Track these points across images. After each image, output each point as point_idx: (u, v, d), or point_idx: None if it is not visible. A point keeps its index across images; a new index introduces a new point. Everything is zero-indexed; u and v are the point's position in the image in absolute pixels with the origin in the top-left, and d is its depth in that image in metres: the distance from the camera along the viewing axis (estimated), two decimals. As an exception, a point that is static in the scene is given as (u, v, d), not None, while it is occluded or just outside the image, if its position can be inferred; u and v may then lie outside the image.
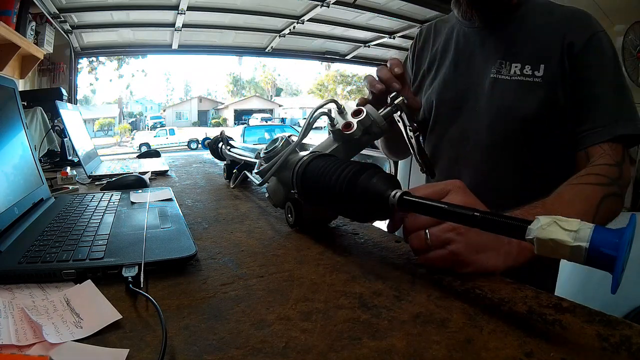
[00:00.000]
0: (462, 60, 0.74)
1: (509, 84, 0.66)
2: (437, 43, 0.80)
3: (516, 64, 0.66)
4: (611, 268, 0.26)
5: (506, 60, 0.67)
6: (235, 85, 31.78)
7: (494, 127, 0.68)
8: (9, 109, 0.66)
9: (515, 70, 0.66)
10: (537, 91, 0.64)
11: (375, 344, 0.30)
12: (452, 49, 0.76)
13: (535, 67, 0.64)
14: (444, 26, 0.81)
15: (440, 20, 0.85)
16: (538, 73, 0.64)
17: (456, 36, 0.76)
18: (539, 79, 0.64)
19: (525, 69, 0.65)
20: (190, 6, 2.70)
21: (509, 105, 0.66)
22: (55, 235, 0.50)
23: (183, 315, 0.35)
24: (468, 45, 0.74)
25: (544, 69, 0.64)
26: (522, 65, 0.66)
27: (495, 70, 0.68)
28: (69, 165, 1.24)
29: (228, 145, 1.04)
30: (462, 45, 0.74)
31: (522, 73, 0.65)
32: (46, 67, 2.57)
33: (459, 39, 0.75)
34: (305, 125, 0.59)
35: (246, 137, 12.11)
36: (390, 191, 0.40)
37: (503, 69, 0.67)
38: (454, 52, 0.75)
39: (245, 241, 0.54)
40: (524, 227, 0.30)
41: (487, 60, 0.70)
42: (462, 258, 0.41)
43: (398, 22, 3.19)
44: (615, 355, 0.28)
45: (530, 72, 0.65)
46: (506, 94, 0.67)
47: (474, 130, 0.70)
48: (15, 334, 0.30)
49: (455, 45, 0.76)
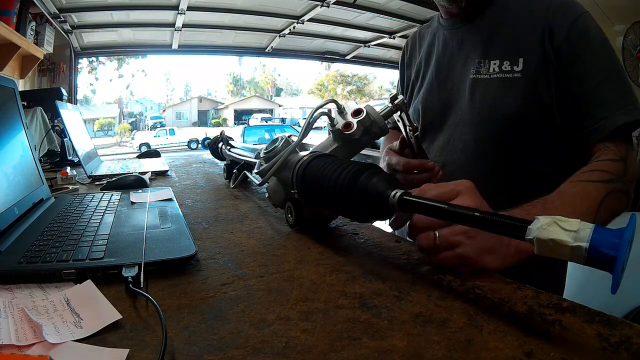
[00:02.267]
0: (442, 65, 0.73)
1: (488, 83, 0.65)
2: (421, 50, 0.80)
3: (494, 61, 0.64)
4: (611, 268, 0.26)
5: (484, 59, 0.66)
6: (235, 85, 31.79)
7: (478, 130, 0.67)
8: (9, 109, 0.66)
9: (494, 68, 0.64)
10: (517, 87, 0.62)
11: (375, 344, 0.30)
12: (434, 55, 0.75)
13: (514, 61, 0.63)
14: (427, 32, 0.81)
15: (424, 27, 0.84)
16: (517, 68, 0.62)
17: (437, 41, 0.75)
18: (518, 74, 0.62)
19: (504, 65, 0.64)
20: (190, 6, 2.70)
21: (489, 105, 0.65)
22: (55, 235, 0.50)
23: (183, 315, 0.35)
24: (447, 48, 0.73)
25: (523, 63, 0.62)
26: (501, 61, 0.64)
27: (475, 70, 0.67)
28: (69, 165, 1.24)
29: (228, 145, 1.04)
30: (442, 49, 0.74)
31: (500, 70, 0.64)
32: (46, 67, 2.57)
33: (439, 44, 0.75)
34: (305, 125, 0.59)
35: (246, 137, 12.10)
36: (390, 191, 0.40)
37: (482, 67, 0.66)
38: (435, 58, 0.75)
39: (245, 241, 0.54)
40: (524, 227, 0.30)
41: (466, 61, 0.68)
42: (469, 261, 0.41)
43: (398, 22, 3.20)
44: (615, 355, 0.28)
45: (509, 68, 0.63)
46: (485, 94, 0.65)
47: (459, 134, 0.69)
48: (15, 334, 0.30)
49: (436, 50, 0.75)
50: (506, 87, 0.63)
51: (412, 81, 0.82)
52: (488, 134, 0.66)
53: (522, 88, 0.62)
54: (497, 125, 0.65)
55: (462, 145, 0.69)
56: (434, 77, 0.74)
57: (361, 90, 26.66)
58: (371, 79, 27.07)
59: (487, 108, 0.65)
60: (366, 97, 25.84)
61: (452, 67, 0.71)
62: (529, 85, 0.62)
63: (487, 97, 0.65)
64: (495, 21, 0.66)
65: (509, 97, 0.63)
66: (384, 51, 3.93)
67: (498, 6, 0.67)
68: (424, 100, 0.76)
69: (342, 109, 0.58)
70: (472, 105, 0.67)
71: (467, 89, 0.68)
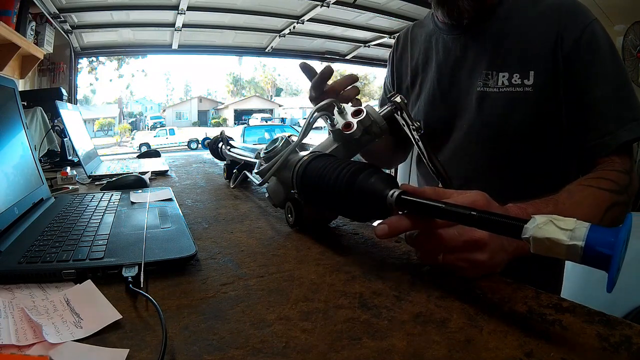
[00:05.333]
0: (445, 74, 0.69)
1: (497, 98, 0.62)
2: (415, 52, 0.76)
3: (503, 74, 0.62)
4: (607, 267, 0.26)
5: (492, 70, 0.63)
6: (235, 85, 31.79)
7: (486, 144, 0.65)
8: (9, 109, 0.66)
9: (503, 81, 0.62)
10: (528, 103, 0.60)
11: (375, 344, 0.30)
12: (433, 60, 0.71)
13: (525, 74, 0.60)
14: (420, 31, 0.77)
15: (415, 24, 0.80)
16: (528, 82, 0.60)
17: (435, 45, 0.71)
18: (529, 88, 0.60)
19: (513, 79, 0.61)
20: (190, 6, 2.70)
21: (498, 121, 0.63)
22: (55, 235, 0.50)
23: (183, 315, 0.35)
24: (449, 55, 0.69)
25: (534, 76, 0.60)
26: (510, 74, 0.61)
27: (482, 82, 0.63)
28: (69, 165, 1.24)
29: (228, 145, 1.04)
30: (443, 56, 0.70)
31: (510, 83, 0.61)
32: (46, 67, 2.57)
33: (439, 49, 0.70)
34: (305, 125, 0.59)
35: (246, 137, 12.09)
36: (388, 191, 0.40)
37: (490, 80, 0.63)
38: (436, 65, 0.71)
39: (245, 241, 0.54)
40: (520, 226, 0.30)
41: (472, 72, 0.65)
42: None
43: (398, 22, 3.20)
44: (615, 355, 0.28)
45: (520, 82, 0.61)
46: (495, 109, 0.63)
47: (466, 148, 0.67)
48: (15, 334, 0.30)
49: (435, 56, 0.71)
50: (517, 102, 0.61)
51: (407, 87, 0.78)
52: (497, 150, 0.64)
53: (533, 103, 0.60)
54: (507, 140, 0.63)
55: (469, 159, 0.67)
56: (436, 87, 0.71)
57: (361, 90, 26.67)
58: (371, 79, 27.11)
59: (496, 123, 0.63)
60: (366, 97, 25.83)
61: (456, 76, 0.68)
62: (539, 99, 0.60)
63: (497, 112, 0.63)
64: (502, 26, 0.63)
65: (520, 113, 0.61)
66: (384, 51, 3.93)
67: (503, 10, 0.64)
68: (426, 112, 0.72)
69: (342, 109, 0.58)
70: (480, 119, 0.65)
71: (473, 102, 0.65)
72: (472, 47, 0.66)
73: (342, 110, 0.58)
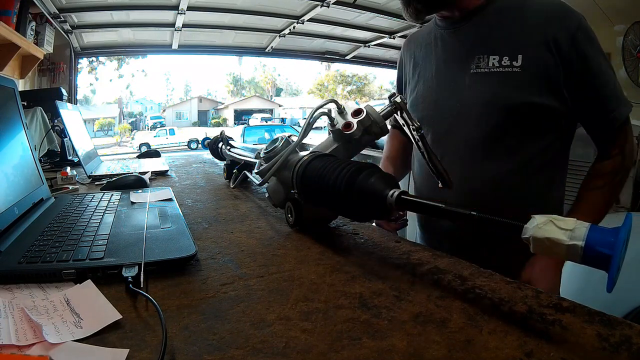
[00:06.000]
0: (442, 62, 0.76)
1: (488, 76, 0.68)
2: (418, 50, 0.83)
3: (494, 57, 0.67)
4: (607, 266, 0.26)
5: (483, 54, 0.69)
6: (235, 85, 31.77)
7: (479, 121, 0.69)
8: (9, 109, 0.66)
9: (493, 63, 0.67)
10: (517, 80, 0.66)
11: (375, 344, 0.30)
12: (432, 53, 0.78)
13: (513, 57, 0.66)
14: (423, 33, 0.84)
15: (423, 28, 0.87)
16: (516, 63, 0.66)
17: (434, 40, 0.78)
18: (518, 68, 0.65)
19: (503, 60, 0.67)
20: (190, 6, 2.70)
21: (490, 96, 0.68)
22: (55, 235, 0.50)
23: (183, 315, 0.35)
24: (447, 46, 0.75)
25: (522, 59, 0.65)
26: (500, 57, 0.67)
27: (475, 65, 0.69)
28: (69, 165, 1.24)
29: (228, 145, 1.04)
30: (441, 47, 0.76)
31: (500, 64, 0.67)
32: (46, 67, 2.57)
33: (437, 43, 0.77)
34: (305, 125, 0.59)
35: (246, 137, 12.09)
36: (388, 190, 0.40)
37: (481, 62, 0.69)
38: (434, 56, 0.77)
39: (245, 241, 0.54)
40: (520, 226, 0.30)
41: (466, 58, 0.71)
42: None
43: (398, 22, 3.19)
44: (615, 355, 0.28)
45: (509, 63, 0.66)
46: (486, 86, 0.68)
47: (459, 125, 0.71)
48: (15, 334, 0.30)
49: (434, 49, 0.78)
50: (506, 79, 0.66)
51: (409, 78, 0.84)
52: (489, 125, 0.68)
53: (522, 81, 0.65)
54: (498, 115, 0.67)
55: (462, 136, 0.71)
56: (434, 74, 0.76)
57: (361, 90, 26.65)
58: (371, 79, 27.08)
59: (488, 99, 0.68)
60: (366, 97, 25.82)
61: (452, 63, 0.74)
62: (528, 79, 0.65)
63: (488, 89, 0.68)
64: (493, 21, 0.70)
65: (510, 88, 0.66)
66: (383, 51, 3.92)
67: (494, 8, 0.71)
68: (422, 93, 0.78)
69: (342, 109, 0.58)
70: (472, 96, 0.69)
71: (467, 82, 0.70)
72: (467, 37, 0.72)
73: (342, 110, 0.58)
